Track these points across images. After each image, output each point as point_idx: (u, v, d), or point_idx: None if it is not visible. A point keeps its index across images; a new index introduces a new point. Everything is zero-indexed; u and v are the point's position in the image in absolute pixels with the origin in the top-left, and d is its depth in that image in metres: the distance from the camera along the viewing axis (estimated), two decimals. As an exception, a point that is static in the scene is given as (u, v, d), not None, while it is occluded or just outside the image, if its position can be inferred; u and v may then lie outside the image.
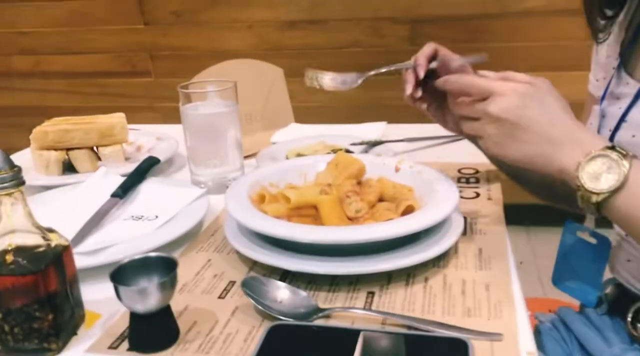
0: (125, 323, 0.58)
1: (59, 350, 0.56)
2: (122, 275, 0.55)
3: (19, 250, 0.55)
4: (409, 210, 0.71)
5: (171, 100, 2.16)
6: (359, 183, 0.79)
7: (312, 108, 1.53)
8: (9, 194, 0.53)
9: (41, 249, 0.56)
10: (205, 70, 1.12)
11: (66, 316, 0.57)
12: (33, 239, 0.56)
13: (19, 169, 0.54)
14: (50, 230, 0.58)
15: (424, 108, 0.79)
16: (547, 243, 1.25)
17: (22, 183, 0.54)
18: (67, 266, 0.58)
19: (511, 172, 0.89)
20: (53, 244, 0.57)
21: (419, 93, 0.76)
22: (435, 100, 0.78)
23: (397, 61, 2.30)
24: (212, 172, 0.92)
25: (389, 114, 1.28)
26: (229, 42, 2.45)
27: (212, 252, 0.74)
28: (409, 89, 0.76)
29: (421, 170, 0.79)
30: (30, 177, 0.98)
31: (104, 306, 0.62)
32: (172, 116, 1.30)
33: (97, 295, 0.63)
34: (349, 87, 0.81)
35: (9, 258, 0.54)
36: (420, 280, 0.65)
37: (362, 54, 2.38)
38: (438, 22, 2.30)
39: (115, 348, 0.56)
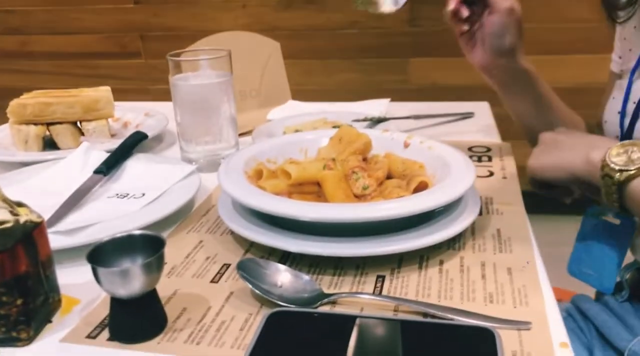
0: (105, 310, 0.52)
1: (30, 339, 0.50)
2: (101, 255, 0.49)
3: (-17, 226, 0.48)
4: (421, 187, 0.64)
5: (163, 82, 2.08)
6: (365, 159, 0.72)
7: (307, 92, 1.47)
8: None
9: (8, 225, 0.49)
10: (197, 41, 1.04)
11: (38, 302, 0.51)
12: (-1, 214, 0.49)
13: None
14: (20, 205, 0.51)
15: (462, 30, 0.80)
16: (548, 232, 1.20)
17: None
18: (40, 245, 0.51)
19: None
20: (22, 220, 0.50)
21: (466, 12, 0.77)
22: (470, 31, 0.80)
23: (396, 43, 2.25)
24: (204, 149, 0.85)
25: (388, 98, 1.21)
26: (222, 22, 2.36)
27: (204, 232, 0.67)
28: (452, 3, 0.77)
29: (432, 146, 0.73)
30: (8, 153, 0.91)
31: (83, 291, 0.56)
32: (164, 99, 1.22)
33: (75, 279, 0.57)
34: (400, 7, 0.80)
35: (-28, 235, 0.47)
36: (434, 263, 0.59)
37: (360, 36, 2.31)
38: (438, 3, 2.23)
39: (94, 337, 0.50)
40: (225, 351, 0.47)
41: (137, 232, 0.51)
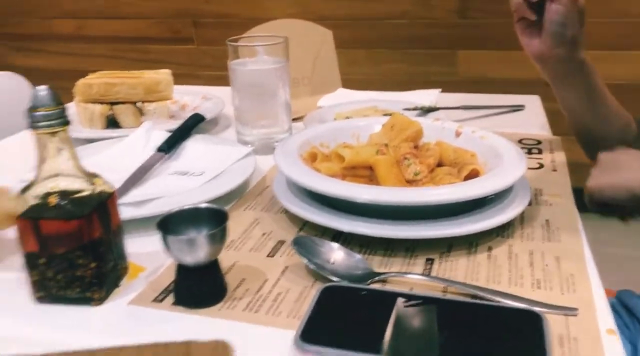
0: (169, 278, 0.55)
1: (102, 300, 0.54)
2: (169, 225, 0.52)
3: (63, 194, 0.52)
4: (472, 175, 0.66)
5: (214, 68, 2.10)
6: (416, 147, 0.74)
7: (353, 82, 1.49)
8: (54, 133, 0.50)
9: (86, 194, 0.53)
10: (252, 28, 1.07)
11: (109, 267, 0.55)
12: (77, 183, 0.53)
13: (65, 107, 0.51)
14: (95, 175, 0.55)
15: (528, 17, 0.77)
16: (594, 231, 1.18)
17: (68, 122, 0.51)
18: (112, 214, 0.55)
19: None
20: (98, 190, 0.54)
21: None
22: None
23: (444, 34, 2.22)
24: (259, 133, 0.88)
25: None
26: (271, 11, 2.40)
27: (259, 211, 0.70)
28: None
29: (484, 136, 0.74)
30: (74, 129, 0.96)
31: (147, 260, 0.60)
32: (215, 85, 1.26)
33: (140, 249, 0.61)
34: None
35: (53, 201, 0.52)
36: (483, 249, 0.61)
37: (409, 26, 2.31)
38: (489, -5, 2.21)
39: (160, 301, 0.53)
40: (281, 319, 0.50)
41: (203, 205, 0.55)
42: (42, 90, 0.50)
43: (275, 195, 0.68)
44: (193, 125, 0.90)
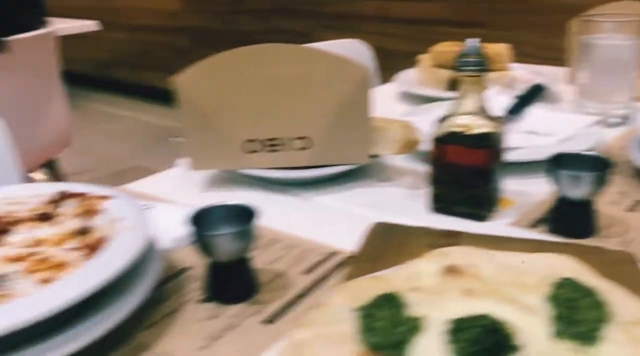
0: (538, 212, 0.65)
1: (486, 218, 0.65)
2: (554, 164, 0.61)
3: (471, 128, 0.64)
4: None
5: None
6: None
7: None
8: (474, 76, 0.63)
9: (487, 131, 0.64)
10: (597, 7, 1.10)
11: (492, 194, 0.66)
12: (482, 121, 0.64)
13: (485, 58, 0.63)
14: (493, 118, 0.66)
15: None
16: None
17: (486, 70, 0.63)
18: (500, 151, 0.66)
19: None
20: (495, 130, 0.65)
21: None
22: None
23: None
24: (602, 107, 0.92)
25: None
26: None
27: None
28: None
29: None
30: (418, 89, 1.11)
31: (515, 197, 0.70)
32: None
33: (509, 187, 0.71)
34: None
35: (463, 131, 0.64)
36: None
37: None
38: None
39: (534, 227, 0.63)
40: None
41: (585, 153, 0.62)
42: (473, 42, 0.62)
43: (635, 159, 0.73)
44: (536, 93, 0.98)
